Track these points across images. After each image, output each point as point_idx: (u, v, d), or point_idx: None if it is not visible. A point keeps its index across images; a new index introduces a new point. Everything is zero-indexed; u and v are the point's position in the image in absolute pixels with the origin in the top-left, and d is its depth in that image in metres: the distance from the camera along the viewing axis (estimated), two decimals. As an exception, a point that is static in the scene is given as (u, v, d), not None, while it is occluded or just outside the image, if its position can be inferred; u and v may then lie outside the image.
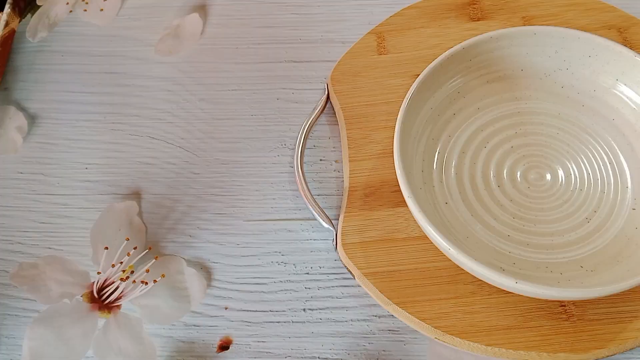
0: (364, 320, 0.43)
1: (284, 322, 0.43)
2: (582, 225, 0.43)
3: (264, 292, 0.45)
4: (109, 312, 0.43)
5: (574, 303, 0.41)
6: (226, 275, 0.46)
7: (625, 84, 0.46)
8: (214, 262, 0.46)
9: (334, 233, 0.45)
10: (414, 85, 0.44)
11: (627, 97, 0.46)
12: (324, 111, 0.52)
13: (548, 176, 0.45)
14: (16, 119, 0.54)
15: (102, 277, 0.44)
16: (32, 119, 0.54)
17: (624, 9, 0.52)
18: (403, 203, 0.45)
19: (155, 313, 0.44)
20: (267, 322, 0.44)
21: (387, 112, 0.49)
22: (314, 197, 0.47)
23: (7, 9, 0.59)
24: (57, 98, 0.55)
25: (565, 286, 0.38)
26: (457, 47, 0.45)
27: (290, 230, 0.47)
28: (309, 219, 0.47)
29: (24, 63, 0.58)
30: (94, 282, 0.45)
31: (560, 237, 0.43)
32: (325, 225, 0.45)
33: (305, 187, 0.46)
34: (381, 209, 0.45)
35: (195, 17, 0.58)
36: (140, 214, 0.48)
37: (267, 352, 0.42)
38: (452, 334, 0.40)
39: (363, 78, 0.51)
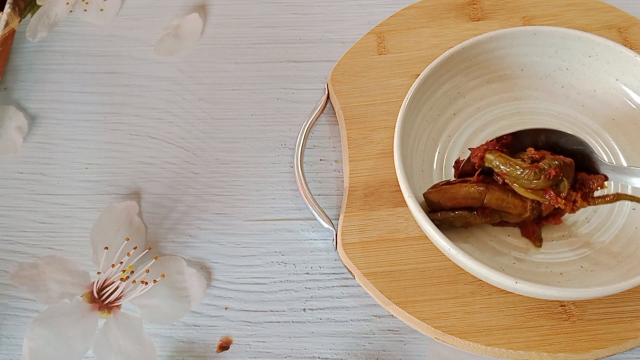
0: (364, 320, 0.43)
1: (284, 322, 0.43)
2: (582, 225, 0.43)
3: (264, 292, 0.45)
4: (109, 312, 0.43)
5: (574, 303, 0.41)
6: (226, 275, 0.46)
7: (625, 84, 0.46)
8: (214, 262, 0.46)
9: (334, 233, 0.45)
10: (414, 85, 0.44)
11: (627, 97, 0.46)
12: (324, 111, 0.52)
13: (548, 176, 0.45)
14: (16, 119, 0.54)
15: (102, 277, 0.44)
16: (32, 119, 0.54)
17: (624, 9, 0.52)
18: (403, 203, 0.45)
19: (155, 313, 0.44)
20: (267, 322, 0.44)
21: (387, 112, 0.49)
22: (314, 197, 0.47)
23: (7, 9, 0.59)
24: (57, 98, 0.55)
25: (565, 286, 0.38)
26: (457, 47, 0.45)
27: (290, 230, 0.47)
28: (309, 219, 0.47)
29: (24, 63, 0.58)
30: (94, 282, 0.45)
31: (561, 237, 0.43)
32: (325, 225, 0.45)
33: (305, 187, 0.46)
34: (381, 209, 0.45)
35: (195, 17, 0.58)
36: (140, 214, 0.48)
37: (267, 352, 0.42)
38: (452, 334, 0.40)
39: (363, 78, 0.51)
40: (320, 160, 0.50)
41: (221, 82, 0.55)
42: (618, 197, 0.40)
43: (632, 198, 0.40)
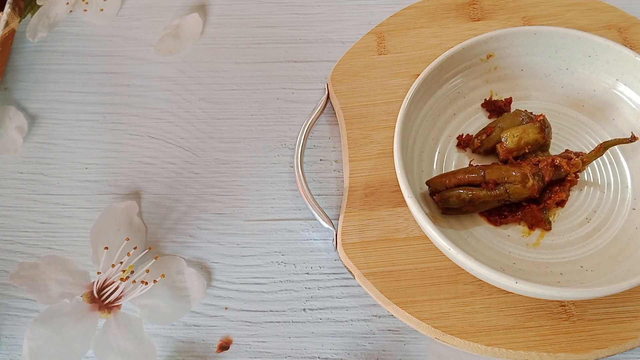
0: (364, 320, 0.43)
1: (284, 322, 0.43)
2: (582, 225, 0.43)
3: (264, 292, 0.45)
4: (109, 312, 0.43)
5: (574, 303, 0.41)
6: (226, 275, 0.46)
7: (625, 84, 0.46)
8: (214, 262, 0.46)
9: (334, 233, 0.45)
10: (414, 85, 0.44)
11: (627, 97, 0.46)
12: (324, 111, 0.52)
13: (548, 176, 0.45)
14: (16, 119, 0.54)
15: (102, 277, 0.44)
16: (32, 119, 0.54)
17: (624, 9, 0.52)
18: (403, 203, 0.45)
19: (155, 313, 0.44)
20: (267, 322, 0.44)
21: (387, 112, 0.49)
22: (314, 197, 0.47)
23: (7, 9, 0.59)
24: (57, 98, 0.55)
25: (565, 286, 0.38)
26: (457, 47, 0.45)
27: (290, 230, 0.47)
28: (309, 219, 0.47)
29: (24, 63, 0.58)
30: (94, 282, 0.45)
31: (560, 237, 0.43)
32: (325, 225, 0.45)
33: (305, 187, 0.46)
34: (381, 209, 0.45)
35: (195, 17, 0.58)
36: (140, 213, 0.48)
37: (267, 352, 0.42)
38: (452, 334, 0.40)
39: (363, 78, 0.51)
40: (320, 160, 0.50)
41: (221, 82, 0.55)
42: (604, 145, 0.43)
43: (615, 142, 0.43)
